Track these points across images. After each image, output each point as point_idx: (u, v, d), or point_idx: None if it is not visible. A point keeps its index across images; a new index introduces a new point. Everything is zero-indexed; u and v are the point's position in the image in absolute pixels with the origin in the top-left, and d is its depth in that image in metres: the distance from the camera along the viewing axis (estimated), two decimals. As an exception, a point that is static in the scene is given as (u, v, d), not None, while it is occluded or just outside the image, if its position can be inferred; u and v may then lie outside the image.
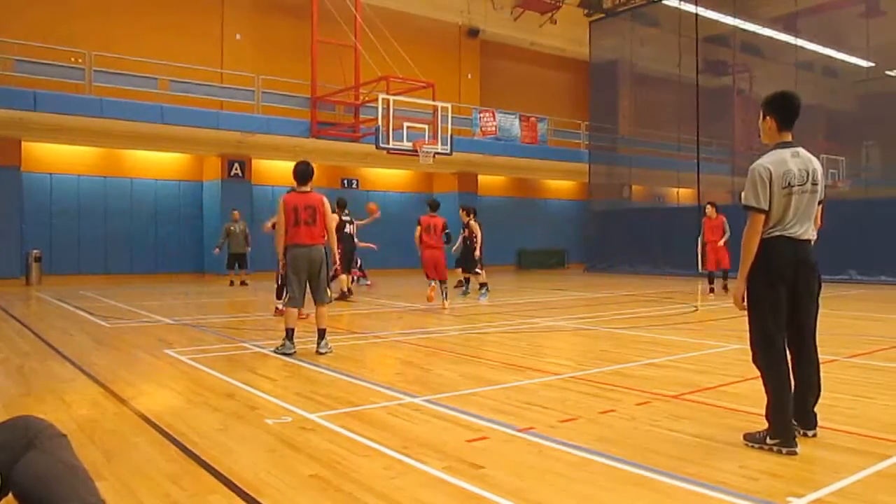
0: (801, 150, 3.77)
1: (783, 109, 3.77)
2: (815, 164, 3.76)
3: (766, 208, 3.65)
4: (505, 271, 16.08)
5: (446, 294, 11.42)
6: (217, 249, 16.93)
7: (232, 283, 16.87)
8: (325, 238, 7.01)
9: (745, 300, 3.79)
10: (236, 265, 16.99)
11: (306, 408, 4.62)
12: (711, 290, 13.61)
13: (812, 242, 3.77)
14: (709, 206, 13.83)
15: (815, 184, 3.71)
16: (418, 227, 11.41)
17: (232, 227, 16.99)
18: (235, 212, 17.41)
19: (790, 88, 3.91)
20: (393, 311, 11.34)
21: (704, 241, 13.84)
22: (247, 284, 16.72)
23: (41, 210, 17.70)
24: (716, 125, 22.23)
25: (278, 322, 9.65)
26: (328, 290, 7.26)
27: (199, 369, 6.09)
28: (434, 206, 11.88)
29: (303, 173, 6.93)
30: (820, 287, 3.79)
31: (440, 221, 11.46)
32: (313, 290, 6.96)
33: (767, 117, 3.82)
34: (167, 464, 3.51)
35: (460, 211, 13.83)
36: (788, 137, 3.80)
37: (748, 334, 3.81)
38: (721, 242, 13.27)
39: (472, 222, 13.37)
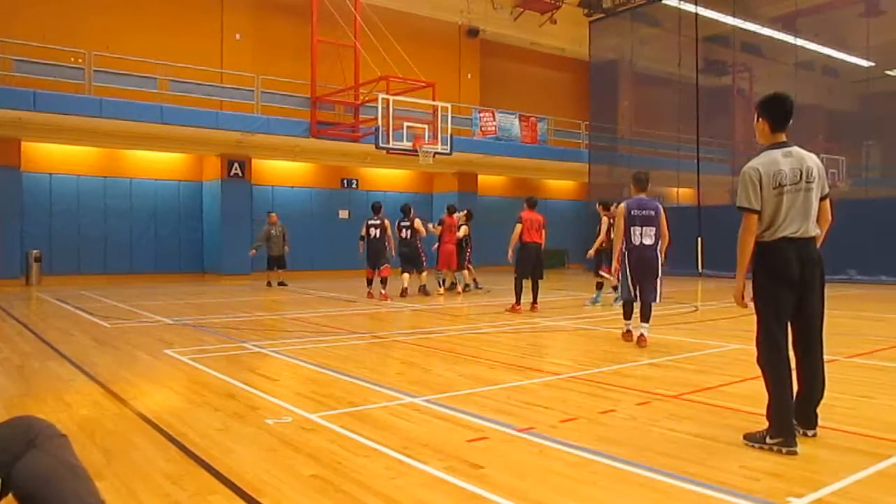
0: (794, 148, 3.79)
1: (775, 111, 3.81)
2: (811, 161, 3.77)
3: (759, 209, 3.71)
4: (505, 271, 16.06)
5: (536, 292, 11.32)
6: (253, 251, 16.96)
7: (269, 284, 16.66)
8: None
9: (751, 299, 3.83)
10: (275, 266, 16.81)
11: (307, 408, 4.62)
12: None
13: (815, 239, 3.78)
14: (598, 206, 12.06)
15: (809, 181, 3.72)
16: (519, 225, 10.81)
17: (273, 231, 16.77)
18: (273, 214, 17.16)
19: (789, 88, 3.95)
20: (392, 310, 11.33)
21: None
22: (285, 285, 16.47)
23: (41, 210, 17.67)
24: (716, 125, 22.22)
25: (277, 322, 9.64)
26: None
27: (199, 369, 6.09)
28: (533, 203, 11.26)
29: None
30: (823, 283, 3.80)
31: (541, 218, 10.97)
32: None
33: (760, 119, 3.86)
34: (167, 464, 3.51)
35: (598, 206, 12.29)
36: (782, 138, 3.83)
37: (755, 334, 3.83)
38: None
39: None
